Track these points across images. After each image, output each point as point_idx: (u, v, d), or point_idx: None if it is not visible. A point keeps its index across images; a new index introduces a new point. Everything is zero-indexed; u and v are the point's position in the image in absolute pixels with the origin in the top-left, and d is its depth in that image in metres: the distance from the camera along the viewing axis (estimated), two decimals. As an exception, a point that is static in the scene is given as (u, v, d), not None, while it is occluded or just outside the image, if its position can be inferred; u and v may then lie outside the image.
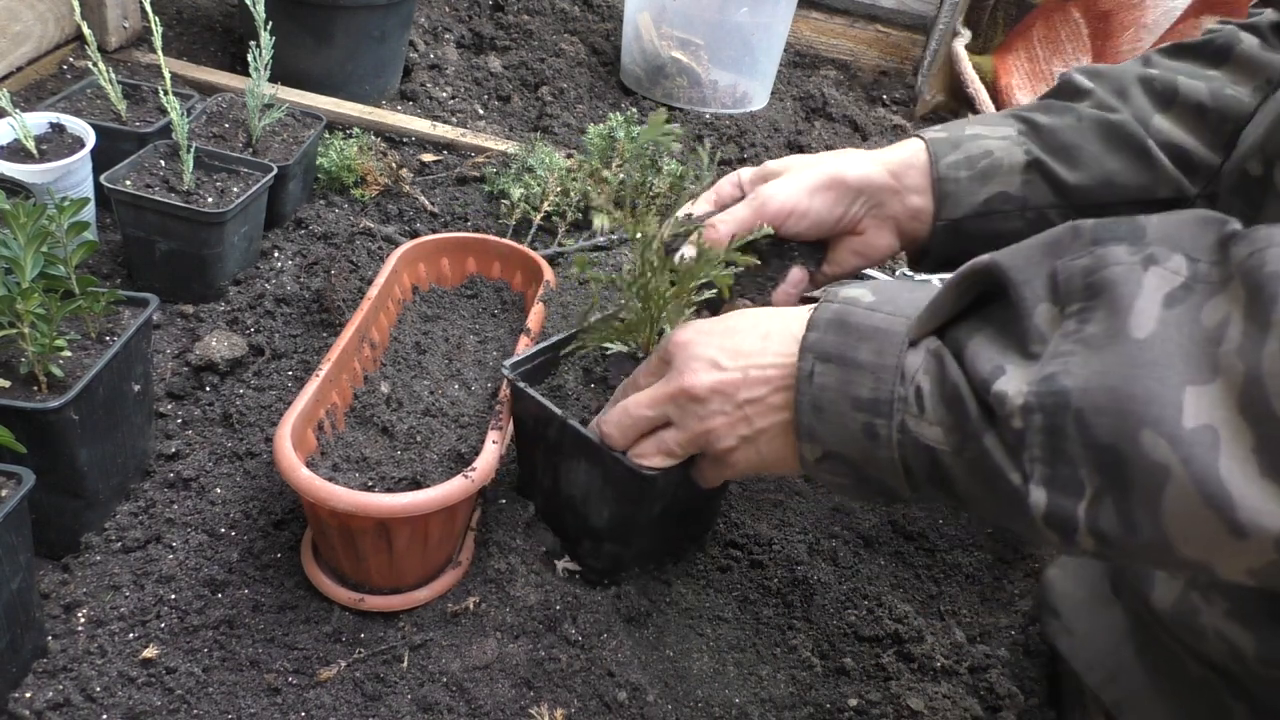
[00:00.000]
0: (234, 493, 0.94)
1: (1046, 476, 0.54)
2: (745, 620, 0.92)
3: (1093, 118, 0.90)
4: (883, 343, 0.63)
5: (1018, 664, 0.93)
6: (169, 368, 1.07)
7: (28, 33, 1.51)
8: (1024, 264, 0.58)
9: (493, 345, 1.09)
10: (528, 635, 0.83)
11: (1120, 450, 0.51)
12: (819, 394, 0.66)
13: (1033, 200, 0.90)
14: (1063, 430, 0.53)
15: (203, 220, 1.10)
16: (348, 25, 1.61)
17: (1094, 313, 0.54)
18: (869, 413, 0.63)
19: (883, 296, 0.66)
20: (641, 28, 1.90)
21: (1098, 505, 0.53)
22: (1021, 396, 0.55)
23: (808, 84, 2.11)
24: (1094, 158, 0.89)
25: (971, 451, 0.59)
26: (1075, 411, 0.52)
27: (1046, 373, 0.54)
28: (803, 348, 0.67)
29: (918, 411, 0.61)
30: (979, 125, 0.92)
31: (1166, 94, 0.90)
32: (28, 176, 1.08)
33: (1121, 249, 0.55)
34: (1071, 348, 0.54)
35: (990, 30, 2.13)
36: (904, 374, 0.62)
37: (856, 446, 0.65)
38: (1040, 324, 0.57)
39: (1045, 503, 0.55)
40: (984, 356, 0.58)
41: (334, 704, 0.77)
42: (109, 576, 0.85)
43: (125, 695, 0.76)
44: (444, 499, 0.79)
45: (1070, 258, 0.57)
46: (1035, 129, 0.91)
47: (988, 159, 0.90)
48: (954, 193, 0.90)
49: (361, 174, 1.43)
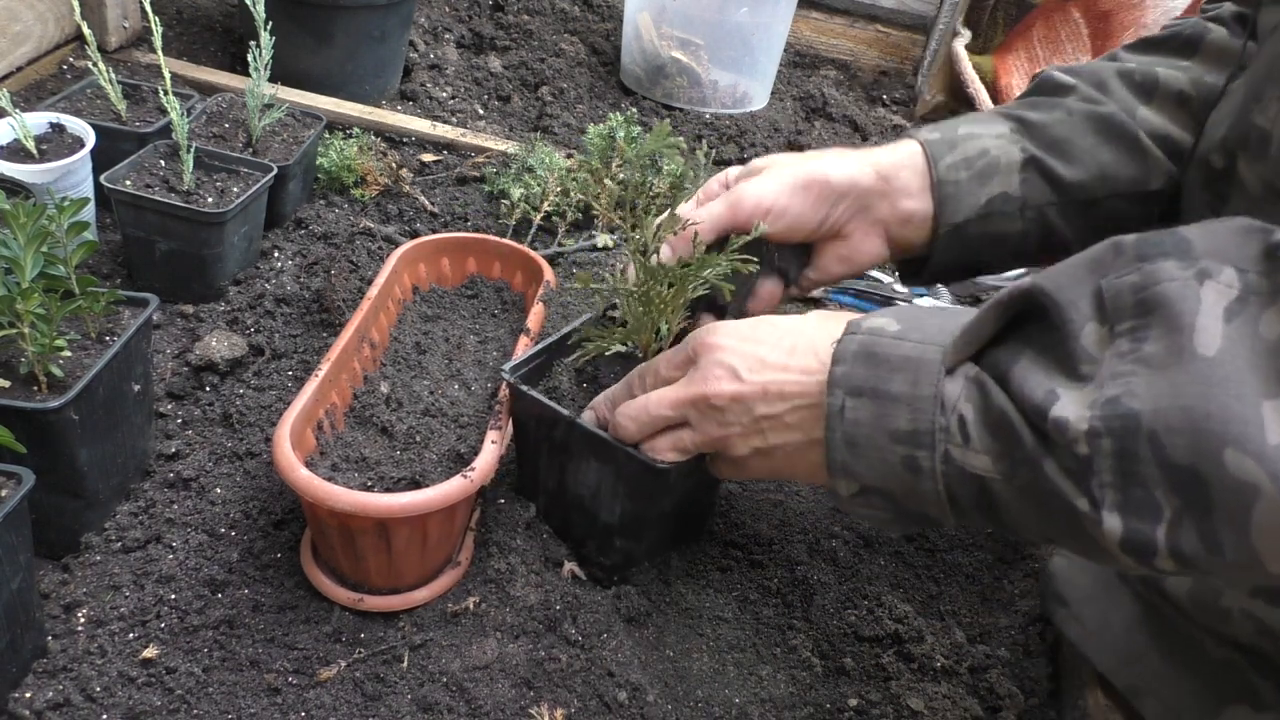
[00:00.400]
0: (234, 493, 0.94)
1: (1120, 502, 0.53)
2: (745, 620, 0.92)
3: (1083, 111, 0.88)
4: (917, 372, 0.62)
5: (1018, 664, 0.93)
6: (169, 368, 1.07)
7: (28, 33, 1.51)
8: (1067, 283, 0.57)
9: (493, 345, 1.09)
10: (528, 635, 0.83)
11: (1200, 471, 0.50)
12: (852, 430, 0.64)
13: (1031, 199, 0.88)
14: (1135, 454, 0.52)
15: (203, 220, 1.10)
16: (348, 25, 1.61)
17: (1150, 330, 0.53)
18: (909, 445, 0.62)
19: (908, 324, 0.65)
20: (641, 28, 1.90)
21: (1178, 527, 0.52)
22: (1085, 422, 0.53)
23: (808, 84, 2.11)
24: (1088, 151, 0.88)
25: (1025, 478, 0.58)
26: (1148, 434, 0.51)
27: (1109, 395, 0.53)
28: (830, 383, 0.66)
29: (962, 441, 0.60)
30: (971, 124, 0.90)
31: (1147, 85, 0.89)
32: (28, 176, 1.08)
33: (1171, 264, 0.54)
34: (1131, 368, 0.53)
35: (990, 30, 2.13)
36: (944, 403, 0.61)
37: (897, 480, 0.63)
38: (1088, 344, 0.56)
39: (1121, 529, 0.53)
40: (1033, 381, 0.57)
41: (334, 704, 0.77)
42: (109, 576, 0.85)
43: (125, 695, 0.76)
44: (443, 499, 0.79)
45: (1116, 275, 0.55)
46: (1027, 126, 0.89)
47: (985, 158, 0.87)
48: (955, 195, 0.86)
49: (361, 174, 1.43)
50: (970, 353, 0.62)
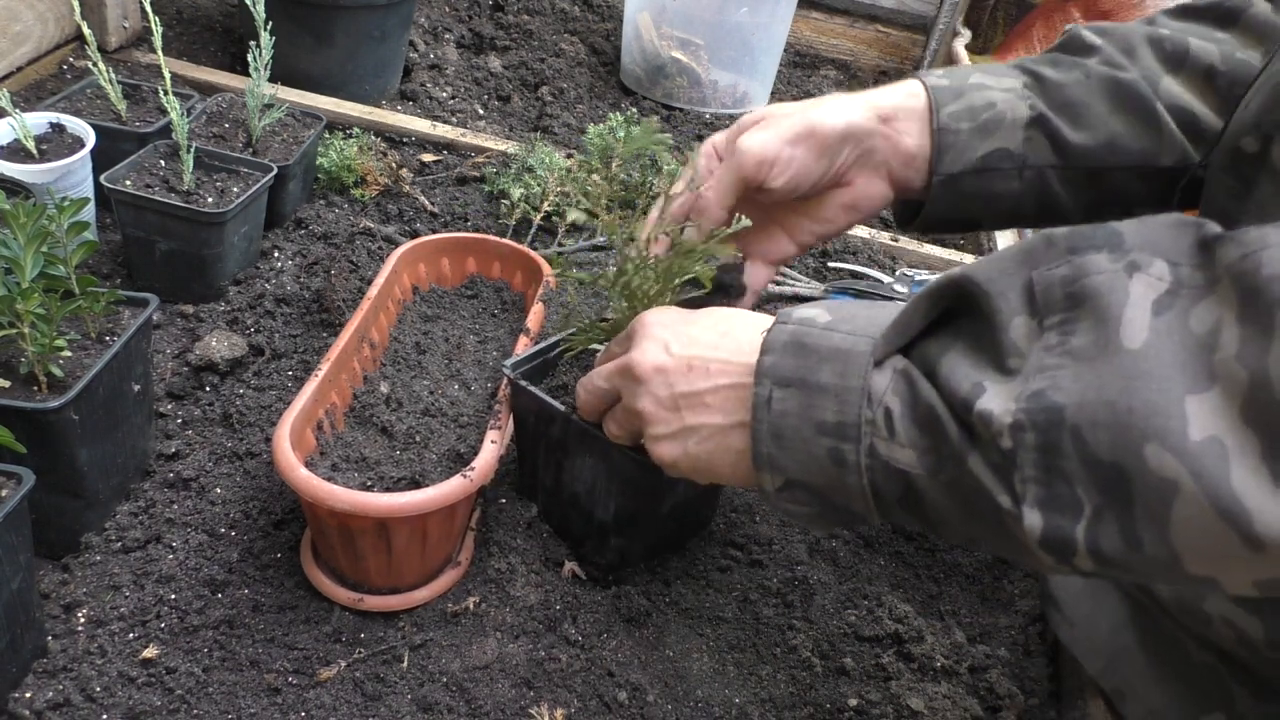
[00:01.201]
0: (234, 493, 0.94)
1: (1041, 497, 0.52)
2: (745, 620, 0.92)
3: (1102, 75, 0.86)
4: (845, 364, 0.60)
5: (1018, 664, 0.93)
6: (169, 368, 1.07)
7: (28, 33, 1.51)
8: (997, 275, 0.56)
9: (493, 345, 1.09)
10: (528, 635, 0.83)
11: (1122, 466, 0.49)
12: (779, 420, 0.62)
13: (1032, 159, 0.86)
14: (1058, 448, 0.51)
15: (203, 220, 1.10)
16: (348, 25, 1.61)
17: (1078, 323, 0.52)
18: (834, 437, 0.60)
19: (839, 316, 0.63)
20: (641, 28, 1.90)
21: (1098, 524, 0.51)
22: (1010, 415, 0.52)
23: (808, 84, 2.11)
24: (1100, 117, 0.85)
25: (950, 474, 0.56)
26: (1071, 428, 0.50)
27: (1034, 388, 0.52)
28: (758, 373, 0.63)
29: (887, 434, 0.59)
30: (983, 75, 0.88)
31: (1177, 55, 0.86)
32: (28, 176, 1.08)
33: (1101, 257, 0.53)
34: (1058, 361, 0.52)
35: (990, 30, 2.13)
36: (870, 396, 0.59)
37: (821, 473, 0.61)
38: (1016, 338, 0.54)
39: (1041, 525, 0.52)
40: (960, 374, 0.56)
41: (334, 704, 0.77)
42: (109, 576, 0.85)
43: (125, 695, 0.76)
44: (443, 498, 0.79)
45: (1047, 267, 0.54)
46: (1041, 83, 0.86)
47: (990, 111, 0.85)
48: (954, 145, 0.84)
49: (361, 174, 1.43)
50: (900, 344, 0.61)
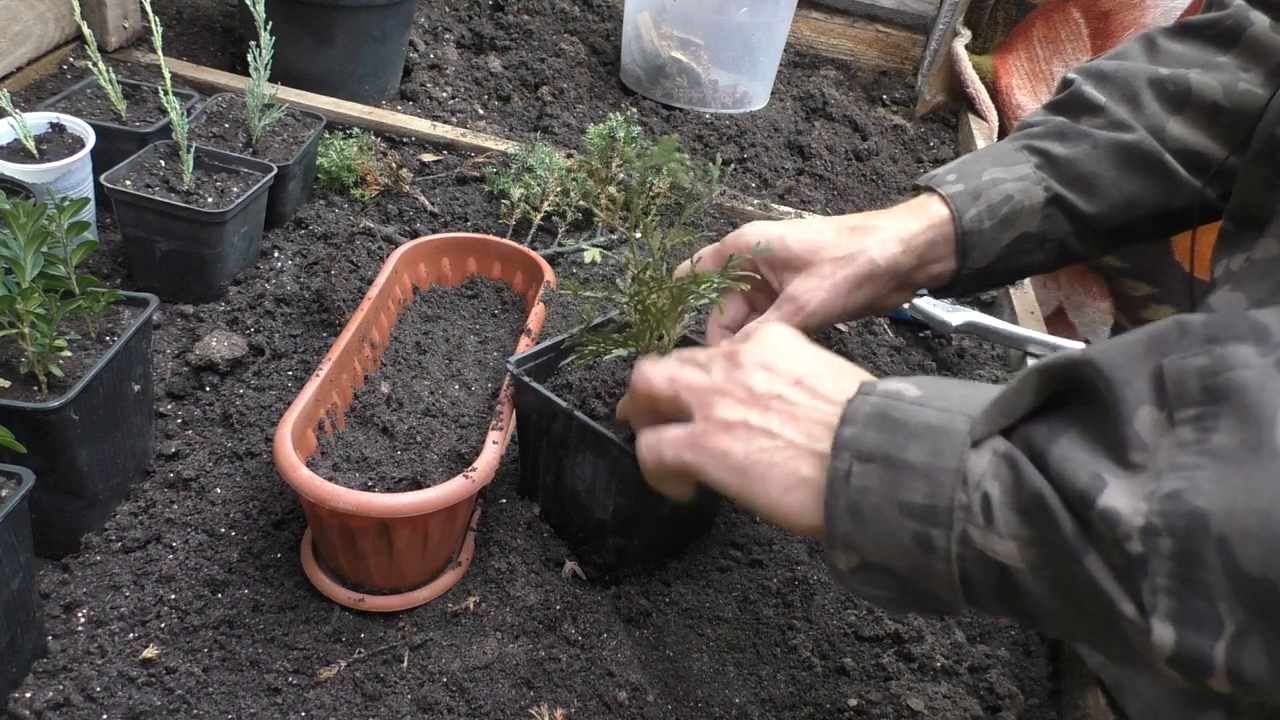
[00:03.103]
0: (234, 493, 0.94)
1: (1174, 611, 0.47)
2: (745, 620, 0.92)
3: (1108, 142, 0.88)
4: (939, 441, 0.55)
5: (1018, 664, 0.93)
6: (169, 368, 1.07)
7: (28, 33, 1.51)
8: (1122, 360, 0.51)
9: (493, 345, 1.09)
10: (528, 635, 0.83)
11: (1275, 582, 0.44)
12: (858, 498, 0.57)
13: (1052, 233, 0.89)
14: (1199, 558, 0.46)
15: (203, 220, 1.10)
16: (348, 25, 1.61)
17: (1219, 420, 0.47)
18: (922, 521, 0.55)
19: (929, 391, 0.58)
20: (641, 28, 1.90)
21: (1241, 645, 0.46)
22: (1141, 516, 0.47)
23: (808, 84, 2.11)
24: (1112, 184, 0.87)
25: (1058, 571, 0.52)
26: (1217, 538, 0.45)
27: (1169, 489, 0.47)
28: (837, 445, 0.58)
29: (984, 522, 0.53)
30: (995, 167, 0.89)
31: (1180, 96, 0.87)
32: (28, 176, 1.08)
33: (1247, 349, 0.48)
34: (1196, 460, 0.47)
35: (990, 30, 2.13)
36: (966, 479, 0.54)
37: (905, 558, 0.56)
38: (1141, 429, 0.49)
39: (1174, 641, 0.47)
40: (1076, 464, 0.50)
41: (334, 704, 0.77)
42: (109, 576, 0.85)
43: (125, 695, 0.76)
44: (444, 499, 0.79)
45: (1180, 356, 0.49)
46: (1052, 162, 0.89)
47: (1009, 205, 0.87)
48: (978, 244, 0.88)
49: (361, 174, 1.43)
50: (1002, 425, 0.56)
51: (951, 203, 0.87)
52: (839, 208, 1.71)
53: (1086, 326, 1.63)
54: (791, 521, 0.62)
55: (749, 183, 1.72)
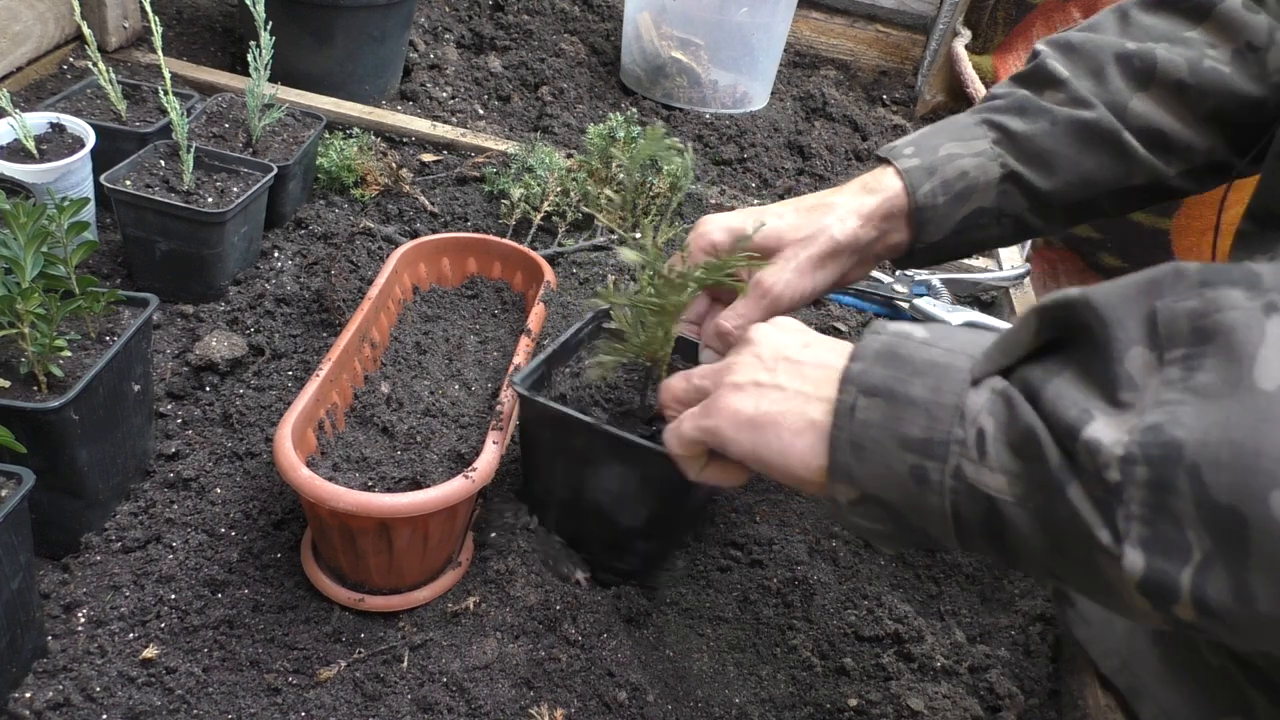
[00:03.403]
0: (234, 493, 0.94)
1: (1146, 537, 0.48)
2: (745, 620, 0.92)
3: (1066, 119, 0.88)
4: (940, 378, 0.57)
5: (1018, 664, 0.93)
6: (169, 368, 1.07)
7: (28, 33, 1.51)
8: (1118, 301, 0.53)
9: (493, 345, 1.09)
10: (528, 635, 0.83)
11: (1242, 512, 0.46)
12: (860, 430, 0.59)
13: (1008, 208, 0.90)
14: (1172, 486, 0.47)
15: (203, 220, 1.10)
16: (348, 25, 1.61)
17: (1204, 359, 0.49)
18: (919, 454, 0.57)
19: (937, 333, 0.61)
20: (641, 28, 1.90)
21: (1206, 572, 0.47)
22: (1121, 446, 0.49)
23: (808, 84, 2.11)
24: (1069, 161, 0.88)
25: (1042, 502, 0.53)
26: (1189, 466, 0.47)
27: (1151, 421, 0.49)
28: (844, 379, 0.61)
29: (977, 456, 0.55)
30: (952, 142, 0.90)
31: (1144, 72, 0.88)
32: (28, 176, 1.08)
33: (1237, 293, 0.50)
34: (1180, 396, 0.49)
35: (990, 30, 2.13)
36: (964, 414, 0.56)
37: (900, 491, 0.58)
38: (1132, 369, 0.51)
39: (1143, 566, 0.49)
40: (1067, 399, 0.52)
41: (334, 704, 0.77)
42: (109, 576, 0.85)
43: (125, 695, 0.76)
44: (445, 499, 0.79)
45: (1173, 298, 0.51)
46: (1010, 138, 0.89)
47: (964, 180, 0.88)
48: (932, 218, 0.89)
49: (361, 174, 1.43)
50: (1003, 364, 0.58)
51: (906, 178, 0.88)
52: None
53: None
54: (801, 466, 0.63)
55: (749, 183, 1.72)
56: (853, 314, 1.37)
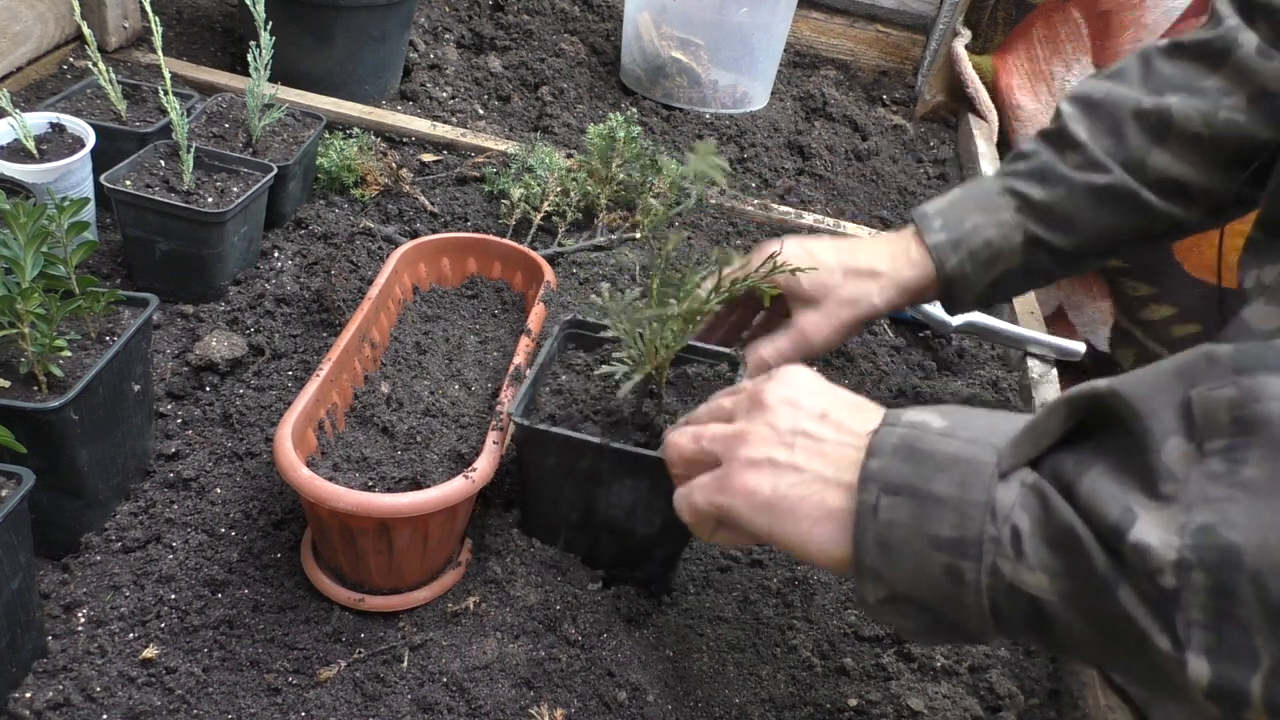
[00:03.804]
0: (234, 493, 0.94)
1: (1210, 644, 0.47)
2: (745, 620, 0.92)
3: (1084, 186, 0.95)
4: (966, 473, 0.55)
5: (1018, 664, 0.93)
6: (169, 368, 1.07)
7: (28, 33, 1.51)
8: (1149, 391, 0.51)
9: (493, 346, 1.09)
10: (528, 635, 0.83)
11: None
12: (886, 530, 0.57)
13: (1034, 266, 0.99)
14: (1234, 593, 0.46)
15: (203, 220, 1.10)
16: (348, 25, 1.61)
17: (1249, 452, 0.47)
18: (951, 554, 0.55)
19: (955, 421, 0.59)
20: (641, 28, 1.90)
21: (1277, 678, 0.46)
22: (1174, 550, 0.47)
23: (808, 84, 2.11)
24: (1089, 223, 0.95)
25: (1088, 602, 0.52)
26: (1251, 572, 0.45)
27: (1201, 522, 0.47)
28: (864, 476, 0.59)
29: (1013, 554, 0.54)
30: (977, 212, 0.98)
31: (1161, 127, 0.93)
32: (28, 176, 1.08)
33: (1276, 381, 0.48)
34: (1227, 493, 0.47)
35: (990, 30, 2.13)
36: (994, 511, 0.54)
37: (934, 590, 0.57)
38: (1170, 461, 0.49)
39: (1209, 675, 0.47)
40: (1106, 495, 0.51)
41: (334, 704, 0.77)
42: (109, 576, 0.85)
43: (125, 695, 0.76)
44: (445, 499, 0.79)
45: (1208, 387, 0.50)
46: (1031, 206, 0.97)
47: (989, 250, 0.97)
48: (961, 286, 0.98)
49: (361, 174, 1.43)
50: (1032, 455, 0.56)
51: (934, 253, 0.98)
52: (839, 207, 1.71)
53: (1086, 326, 1.63)
54: (821, 555, 0.62)
55: (749, 183, 1.72)
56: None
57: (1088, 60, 1.90)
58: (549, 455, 0.85)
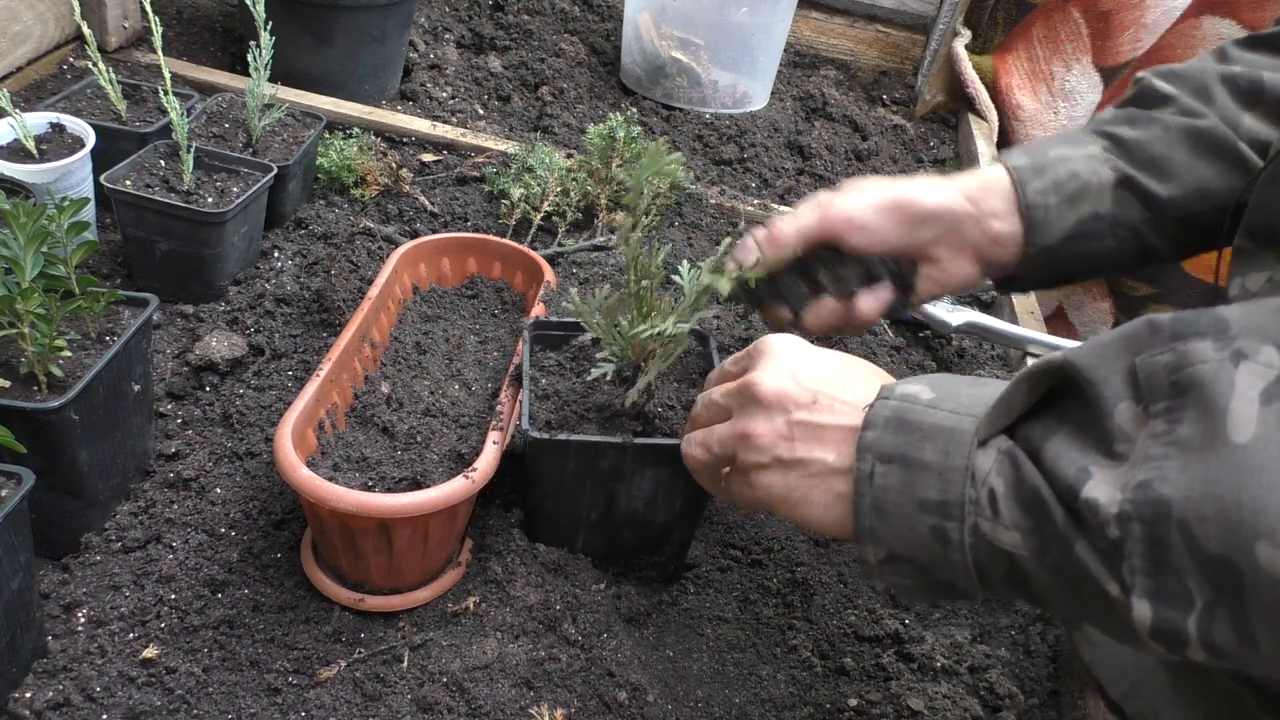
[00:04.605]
0: (234, 493, 0.94)
1: (1150, 589, 0.51)
2: (745, 620, 0.92)
3: (1180, 126, 0.86)
4: (949, 442, 0.60)
5: (1018, 664, 0.93)
6: (169, 368, 1.07)
7: (28, 33, 1.51)
8: (1099, 361, 0.56)
9: (493, 345, 1.09)
10: (528, 635, 0.83)
11: (1233, 562, 0.48)
12: (881, 495, 0.62)
13: (1123, 217, 0.87)
14: (1166, 541, 0.50)
15: (203, 220, 1.10)
16: (348, 25, 1.61)
17: (1184, 412, 0.51)
18: (938, 515, 0.60)
19: (942, 392, 0.63)
20: (641, 28, 1.90)
21: (1210, 618, 0.50)
22: (1116, 505, 0.52)
23: (808, 84, 2.11)
24: (1186, 167, 0.86)
25: (1056, 557, 0.56)
26: (1179, 522, 0.49)
27: (1140, 478, 0.51)
28: (860, 447, 0.64)
29: (991, 515, 0.58)
30: (1062, 146, 0.89)
31: (1253, 91, 0.87)
32: (28, 176, 1.08)
33: (1206, 345, 0.52)
34: (1165, 451, 0.51)
35: (990, 30, 2.13)
36: (974, 475, 0.59)
37: (924, 550, 0.62)
38: (1123, 422, 0.54)
39: (1151, 616, 0.51)
40: (1066, 458, 0.55)
41: (334, 704, 0.77)
42: (109, 576, 0.85)
43: (125, 695, 0.76)
44: (445, 499, 0.79)
45: (1150, 354, 0.54)
46: (1121, 144, 0.88)
47: (1075, 181, 0.86)
48: (1044, 219, 0.86)
49: (361, 174, 1.43)
50: (1003, 425, 0.60)
51: (1015, 174, 0.87)
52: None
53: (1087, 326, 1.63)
54: (834, 529, 0.68)
55: (749, 183, 1.72)
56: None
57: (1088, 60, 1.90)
58: (568, 461, 0.86)
